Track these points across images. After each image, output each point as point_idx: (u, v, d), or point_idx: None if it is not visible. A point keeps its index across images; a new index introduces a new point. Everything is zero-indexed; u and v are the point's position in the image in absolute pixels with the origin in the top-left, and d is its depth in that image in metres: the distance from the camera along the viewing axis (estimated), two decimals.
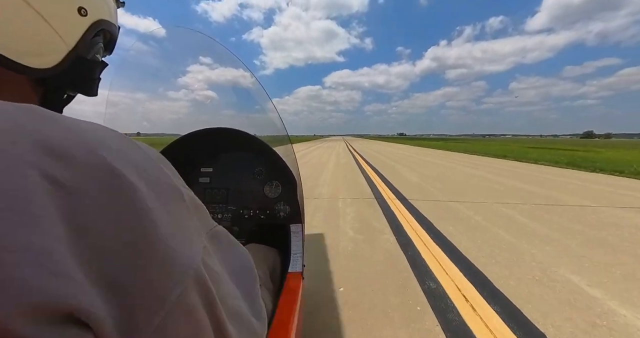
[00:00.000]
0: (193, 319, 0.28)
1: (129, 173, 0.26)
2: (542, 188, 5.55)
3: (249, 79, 1.26)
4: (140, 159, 0.28)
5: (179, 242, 0.27)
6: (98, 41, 0.39)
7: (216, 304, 0.31)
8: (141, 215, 0.25)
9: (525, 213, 3.70)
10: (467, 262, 2.29)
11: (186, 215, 0.30)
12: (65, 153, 0.23)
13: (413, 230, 3.07)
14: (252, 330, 0.37)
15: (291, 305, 0.72)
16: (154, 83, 1.21)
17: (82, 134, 0.26)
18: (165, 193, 0.29)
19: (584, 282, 2.01)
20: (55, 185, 0.22)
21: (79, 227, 0.23)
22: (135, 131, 1.58)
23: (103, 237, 0.23)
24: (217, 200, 1.21)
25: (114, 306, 0.23)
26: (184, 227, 0.29)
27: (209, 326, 0.30)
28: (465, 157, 14.25)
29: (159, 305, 0.25)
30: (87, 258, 0.22)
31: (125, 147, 0.28)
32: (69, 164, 0.23)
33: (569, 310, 1.68)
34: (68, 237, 0.22)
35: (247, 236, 1.18)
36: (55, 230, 0.21)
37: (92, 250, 0.23)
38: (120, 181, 0.25)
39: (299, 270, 0.93)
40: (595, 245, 2.68)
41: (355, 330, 1.51)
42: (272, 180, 1.22)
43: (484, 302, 1.75)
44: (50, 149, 0.23)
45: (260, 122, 1.31)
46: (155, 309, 0.25)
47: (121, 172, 0.25)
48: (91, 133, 0.27)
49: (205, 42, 1.15)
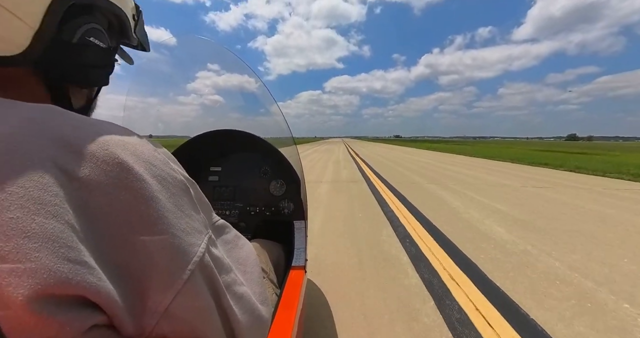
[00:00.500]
0: (199, 302, 0.28)
1: (138, 167, 0.26)
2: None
3: (255, 83, 1.27)
4: (149, 155, 0.28)
5: (184, 231, 0.28)
6: (84, 21, 0.32)
7: (221, 289, 0.31)
8: (149, 205, 0.25)
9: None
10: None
11: (191, 207, 0.30)
12: (80, 148, 0.24)
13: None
14: (258, 314, 0.37)
15: (294, 298, 0.73)
16: (166, 88, 1.22)
17: (95, 131, 0.26)
18: (172, 186, 0.29)
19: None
20: (70, 177, 0.23)
21: (90, 215, 0.23)
22: (147, 133, 1.58)
23: (112, 225, 0.24)
24: (225, 197, 1.22)
25: (124, 289, 0.24)
26: (189, 218, 0.29)
27: (214, 309, 0.30)
28: (496, 165, 9.74)
29: (167, 288, 0.25)
30: (98, 244, 0.23)
31: (135, 143, 0.28)
32: (82, 158, 0.24)
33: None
34: (80, 224, 0.22)
35: (253, 231, 1.19)
36: (68, 219, 0.22)
37: (102, 237, 0.23)
38: (129, 174, 0.25)
39: (302, 264, 0.94)
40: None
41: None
42: (277, 179, 1.23)
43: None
44: (65, 145, 0.23)
45: (267, 124, 1.31)
46: (164, 293, 0.25)
47: (130, 166, 0.25)
48: (104, 130, 0.27)
49: (214, 48, 1.16)
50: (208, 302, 0.29)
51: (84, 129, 0.25)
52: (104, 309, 0.22)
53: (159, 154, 0.30)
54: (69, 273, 0.20)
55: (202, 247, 0.29)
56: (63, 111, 0.26)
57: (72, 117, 0.26)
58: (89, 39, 0.33)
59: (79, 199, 0.23)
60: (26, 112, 0.24)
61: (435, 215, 3.33)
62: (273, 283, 0.78)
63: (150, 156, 0.28)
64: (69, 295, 0.20)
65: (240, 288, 0.35)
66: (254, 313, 0.36)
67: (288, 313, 0.65)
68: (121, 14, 0.37)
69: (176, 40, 0.90)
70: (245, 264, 0.40)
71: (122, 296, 0.23)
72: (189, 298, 0.27)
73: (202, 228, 0.31)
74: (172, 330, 0.26)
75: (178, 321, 0.26)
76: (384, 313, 1.49)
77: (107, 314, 0.23)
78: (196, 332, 0.28)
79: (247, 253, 0.42)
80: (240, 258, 0.40)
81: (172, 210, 0.27)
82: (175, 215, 0.27)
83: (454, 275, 1.89)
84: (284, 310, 0.66)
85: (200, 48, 1.12)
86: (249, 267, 0.41)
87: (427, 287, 1.74)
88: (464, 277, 1.87)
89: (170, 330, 0.26)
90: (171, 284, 0.26)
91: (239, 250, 0.41)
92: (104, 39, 0.35)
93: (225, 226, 0.40)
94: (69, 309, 0.21)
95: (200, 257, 0.28)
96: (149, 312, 0.25)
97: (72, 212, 0.22)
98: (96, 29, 0.34)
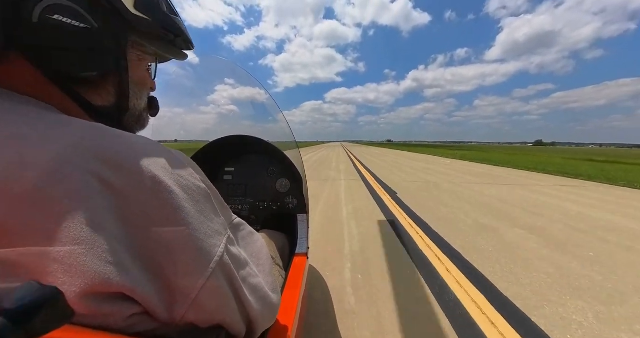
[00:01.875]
0: (220, 296, 0.29)
1: (167, 179, 0.26)
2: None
3: (264, 95, 1.29)
4: (177, 167, 0.28)
5: (207, 234, 0.28)
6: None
7: (239, 284, 0.31)
8: (176, 213, 0.25)
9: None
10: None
11: (212, 212, 0.30)
12: (119, 163, 0.24)
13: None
14: (269, 301, 0.36)
15: (298, 280, 0.74)
16: (190, 99, 1.25)
17: (132, 147, 0.26)
18: (196, 194, 0.28)
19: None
20: (110, 189, 0.23)
21: (127, 222, 0.23)
22: (173, 138, 1.60)
23: (146, 231, 0.24)
24: (238, 194, 1.24)
25: (158, 286, 0.24)
26: (210, 222, 0.29)
27: (233, 301, 0.31)
28: (541, 178, 6.27)
29: (193, 284, 0.26)
30: (135, 248, 0.23)
31: (164, 156, 0.28)
32: (121, 171, 0.24)
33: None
34: (119, 231, 0.23)
35: (262, 223, 1.20)
36: (109, 226, 0.22)
37: (136, 240, 0.24)
38: (159, 186, 0.25)
39: (304, 252, 0.94)
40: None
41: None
42: (282, 178, 1.24)
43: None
44: (107, 160, 0.23)
45: (274, 130, 1.33)
46: (190, 288, 0.26)
47: (161, 179, 0.25)
48: (139, 146, 0.27)
49: (229, 66, 1.18)
50: (227, 294, 0.30)
51: (124, 145, 0.26)
52: (140, 302, 0.23)
53: (185, 165, 0.30)
54: (110, 274, 0.21)
55: (221, 247, 0.29)
56: (106, 129, 0.26)
57: (113, 135, 0.26)
58: (52, 17, 0.25)
59: (118, 208, 0.23)
60: (76, 130, 0.24)
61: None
62: (280, 267, 0.79)
63: (178, 168, 0.28)
64: (110, 292, 0.21)
65: (254, 280, 0.35)
66: (266, 301, 0.36)
67: (293, 293, 0.66)
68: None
69: (199, 59, 0.93)
70: (259, 257, 0.40)
71: (155, 291, 0.24)
72: (211, 292, 0.27)
73: (222, 230, 0.31)
74: (197, 318, 0.27)
75: (203, 311, 0.27)
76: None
77: (143, 307, 0.24)
78: (218, 318, 0.29)
79: (260, 248, 0.42)
80: (255, 252, 0.40)
81: (196, 216, 0.27)
82: (198, 220, 0.27)
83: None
84: (289, 290, 0.67)
85: (218, 66, 1.15)
86: (262, 260, 0.40)
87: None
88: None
89: (196, 318, 0.27)
90: (196, 281, 0.26)
91: (253, 244, 0.40)
92: (77, 16, 0.27)
93: (241, 223, 0.40)
94: (112, 303, 0.22)
95: (220, 257, 0.28)
96: (178, 304, 0.25)
97: (112, 219, 0.23)
98: (59, 5, 0.26)
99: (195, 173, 0.31)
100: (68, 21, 0.27)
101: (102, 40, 0.30)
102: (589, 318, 1.27)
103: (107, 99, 0.33)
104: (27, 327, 0.14)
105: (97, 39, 0.29)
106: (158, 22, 0.34)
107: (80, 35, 0.28)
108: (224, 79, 1.25)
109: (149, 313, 0.25)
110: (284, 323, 0.51)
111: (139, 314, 0.24)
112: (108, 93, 0.33)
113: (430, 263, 1.83)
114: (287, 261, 0.91)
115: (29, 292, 0.15)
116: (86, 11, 0.28)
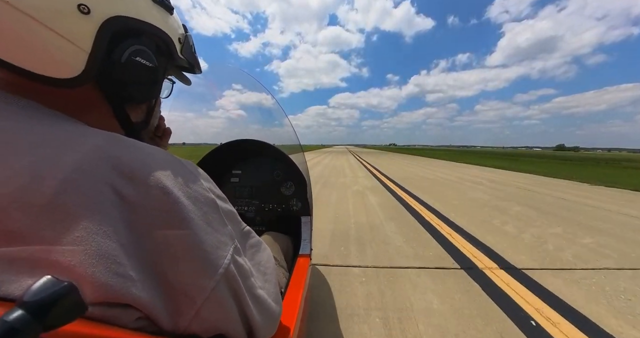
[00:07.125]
0: (224, 307, 0.28)
1: (176, 190, 0.26)
2: None
3: (271, 100, 1.30)
4: (186, 178, 0.28)
5: (213, 245, 0.27)
6: (131, 43, 0.31)
7: (243, 295, 0.31)
8: (184, 224, 0.25)
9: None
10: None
11: (219, 222, 0.30)
12: (132, 174, 0.24)
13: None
14: (271, 312, 0.36)
15: (301, 280, 0.73)
16: (200, 104, 1.26)
17: (146, 159, 0.26)
18: (203, 205, 0.28)
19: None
20: (123, 200, 0.23)
21: (137, 233, 0.23)
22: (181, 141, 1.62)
23: (154, 242, 0.24)
24: (244, 196, 1.24)
25: (163, 296, 0.24)
26: (217, 232, 0.29)
27: (236, 312, 0.30)
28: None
29: (197, 295, 0.26)
30: (142, 259, 0.23)
31: (175, 168, 0.28)
32: (133, 183, 0.24)
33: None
34: (128, 241, 0.23)
35: (267, 224, 1.21)
36: (119, 237, 0.22)
37: (145, 252, 0.24)
38: (169, 197, 0.25)
39: (307, 253, 0.93)
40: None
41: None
42: (287, 181, 1.23)
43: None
44: (122, 171, 0.24)
45: (280, 134, 1.34)
46: (194, 299, 0.25)
47: (171, 190, 0.25)
48: (152, 157, 0.27)
49: (237, 73, 1.20)
50: (231, 305, 0.29)
51: (138, 157, 0.26)
52: (145, 313, 0.23)
53: (194, 175, 0.30)
54: (117, 286, 0.21)
55: (227, 258, 0.29)
56: (122, 139, 0.26)
57: (130, 145, 0.26)
58: (135, 59, 0.32)
59: (128, 218, 0.23)
60: (94, 140, 0.24)
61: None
62: (283, 268, 0.78)
63: (187, 179, 0.28)
64: (116, 301, 0.21)
65: (258, 291, 0.34)
66: (268, 312, 0.35)
67: (295, 293, 0.65)
68: (165, 36, 0.36)
69: (208, 66, 0.95)
70: (266, 266, 0.40)
71: (160, 301, 0.24)
72: (215, 303, 0.27)
73: (228, 241, 0.30)
74: (201, 328, 0.27)
75: (206, 321, 0.27)
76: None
77: (148, 315, 0.24)
78: (221, 329, 0.29)
79: (267, 257, 0.41)
80: (262, 261, 0.39)
81: (203, 227, 0.27)
82: (205, 232, 0.27)
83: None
84: (292, 290, 0.66)
85: (226, 72, 1.17)
86: (268, 269, 0.40)
87: None
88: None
89: (199, 328, 0.27)
90: (201, 292, 0.26)
91: (261, 254, 0.40)
92: (150, 58, 0.34)
93: (250, 232, 0.39)
94: (120, 309, 0.22)
95: (226, 268, 0.28)
96: (183, 314, 0.25)
97: (122, 230, 0.22)
98: (141, 50, 0.32)
99: (205, 183, 0.31)
100: (144, 62, 0.33)
101: (159, 75, 0.37)
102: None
103: (140, 116, 0.38)
104: (44, 319, 0.15)
105: (158, 74, 0.36)
106: (190, 60, 0.42)
107: (150, 72, 0.34)
108: (232, 85, 1.27)
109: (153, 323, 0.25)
110: (286, 323, 0.50)
111: (144, 318, 0.24)
112: (142, 111, 0.39)
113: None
114: (291, 262, 0.90)
115: (46, 286, 0.15)
116: (154, 54, 0.34)
